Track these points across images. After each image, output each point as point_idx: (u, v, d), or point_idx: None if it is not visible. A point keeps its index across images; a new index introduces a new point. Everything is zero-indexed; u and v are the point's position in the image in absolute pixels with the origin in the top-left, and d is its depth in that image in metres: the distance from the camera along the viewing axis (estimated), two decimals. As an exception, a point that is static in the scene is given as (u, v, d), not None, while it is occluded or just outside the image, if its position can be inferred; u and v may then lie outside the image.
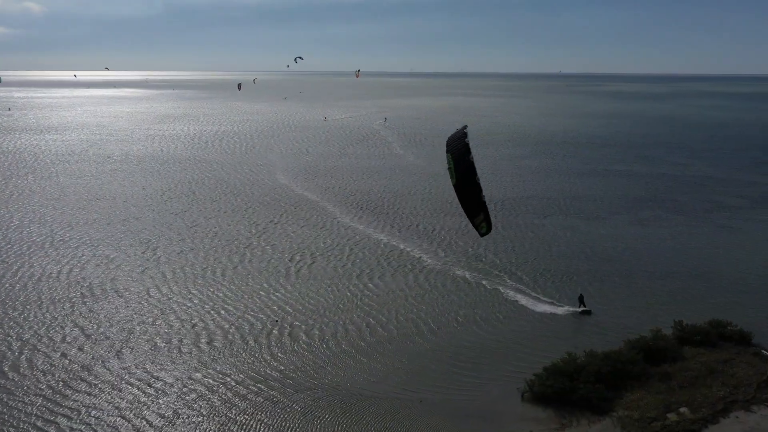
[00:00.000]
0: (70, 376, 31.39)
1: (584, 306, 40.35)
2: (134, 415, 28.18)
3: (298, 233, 57.62)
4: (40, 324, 37.35)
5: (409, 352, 34.60)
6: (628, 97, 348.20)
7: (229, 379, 31.34)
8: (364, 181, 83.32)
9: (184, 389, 30.37)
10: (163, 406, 28.96)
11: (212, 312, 39.51)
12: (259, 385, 30.84)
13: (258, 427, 27.57)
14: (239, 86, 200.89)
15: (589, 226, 61.26)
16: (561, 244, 54.77)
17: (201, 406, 28.97)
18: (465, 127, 25.66)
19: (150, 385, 30.65)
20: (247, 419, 28.07)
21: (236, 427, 27.53)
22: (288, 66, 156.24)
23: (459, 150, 25.27)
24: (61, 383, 30.68)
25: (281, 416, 28.32)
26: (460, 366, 32.96)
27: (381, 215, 64.90)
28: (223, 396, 29.86)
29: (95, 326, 37.15)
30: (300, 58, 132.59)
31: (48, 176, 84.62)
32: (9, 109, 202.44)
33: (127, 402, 29.20)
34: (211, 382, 31.10)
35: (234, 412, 28.61)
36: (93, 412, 28.34)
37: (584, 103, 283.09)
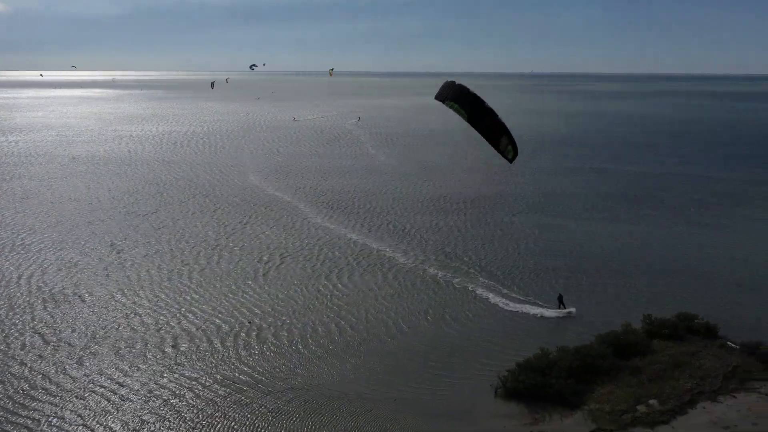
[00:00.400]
0: (31, 385, 30.35)
1: (564, 306, 39.91)
2: (98, 423, 27.34)
3: (268, 234, 56.91)
4: (-1, 331, 36.20)
5: (381, 351, 34.28)
6: (603, 96, 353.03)
7: (196, 384, 30.64)
8: (336, 181, 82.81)
9: (150, 396, 29.58)
10: (127, 413, 28.14)
11: (179, 315, 38.67)
12: (227, 389, 30.22)
13: (227, 431, 26.98)
14: (212, 85, 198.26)
15: (562, 224, 61.59)
16: (532, 242, 54.98)
17: (167, 413, 28.23)
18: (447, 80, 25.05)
19: (114, 393, 29.79)
20: (215, 423, 27.43)
21: (203, 432, 26.92)
22: (253, 68, 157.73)
23: (456, 91, 24.53)
24: (20, 393, 29.63)
25: (251, 419, 27.76)
26: (433, 364, 32.76)
27: (352, 214, 64.51)
28: (190, 401, 29.16)
29: (57, 333, 36.06)
30: (255, 65, 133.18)
31: (10, 178, 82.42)
32: None
33: (90, 411, 28.29)
34: (178, 387, 30.37)
35: (201, 416, 27.96)
36: (55, 422, 27.43)
37: (559, 102, 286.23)
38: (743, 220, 64.19)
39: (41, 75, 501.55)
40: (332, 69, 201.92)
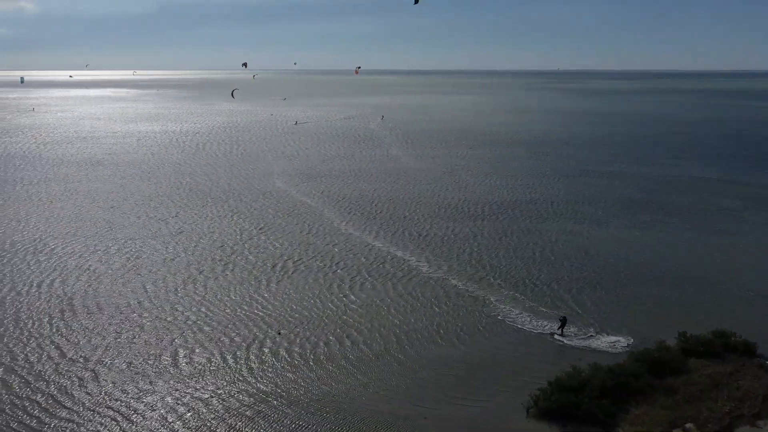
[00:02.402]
0: (48, 400, 29.71)
1: (563, 333, 37.25)
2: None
3: (286, 240, 55.97)
4: (17, 341, 35.73)
5: (408, 367, 33.12)
6: (620, 94, 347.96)
7: (211, 399, 29.71)
8: (358, 184, 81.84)
9: (166, 412, 28.75)
10: (144, 430, 27.40)
11: (192, 327, 37.78)
12: (244, 404, 29.28)
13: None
14: (244, 65, 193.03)
15: (588, 232, 59.62)
16: (559, 251, 53.23)
17: (184, 429, 27.41)
18: None
19: (130, 408, 29.00)
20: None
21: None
22: (254, 76, 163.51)
23: None
24: (37, 408, 29.01)
25: (268, 439, 26.90)
26: (464, 381, 31.66)
27: (373, 220, 63.35)
28: (206, 416, 28.24)
29: (74, 344, 35.46)
30: (245, 64, 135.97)
31: (38, 182, 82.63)
32: (33, 109, 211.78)
33: (106, 428, 27.52)
34: (194, 402, 29.50)
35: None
36: (70, 439, 26.84)
37: (577, 102, 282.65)
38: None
39: (71, 76, 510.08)
40: (359, 67, 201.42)
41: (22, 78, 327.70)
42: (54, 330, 37.29)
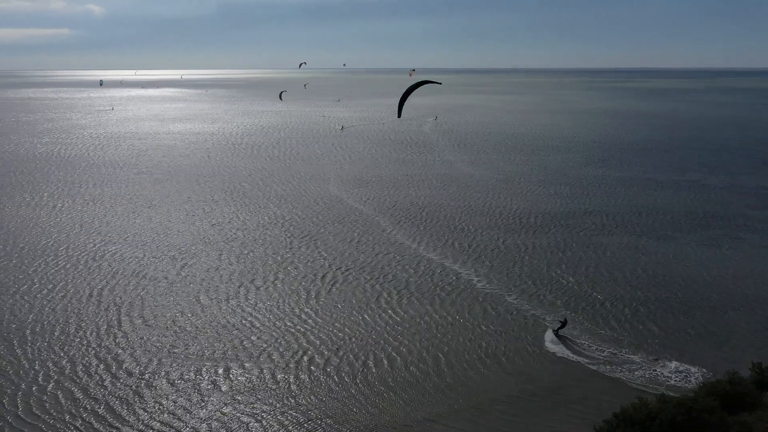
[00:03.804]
0: (99, 416, 29.61)
1: (557, 333, 37.28)
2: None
3: (335, 249, 55.15)
4: (68, 352, 35.97)
5: (457, 392, 31.72)
6: (684, 94, 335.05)
7: (254, 420, 29.12)
8: (410, 191, 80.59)
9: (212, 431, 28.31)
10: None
11: (234, 342, 37.27)
12: (286, 428, 28.47)
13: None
14: (300, 65, 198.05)
15: (651, 247, 56.22)
16: (619, 268, 50.45)
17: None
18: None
19: (172, 428, 28.62)
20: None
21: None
22: (301, 65, 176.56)
23: (405, 93, 57.10)
24: (88, 425, 28.94)
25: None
26: (520, 409, 30.20)
27: (423, 229, 61.86)
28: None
29: (123, 357, 35.44)
30: (304, 63, 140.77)
31: (100, 183, 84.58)
32: (112, 108, 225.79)
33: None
34: (237, 423, 28.90)
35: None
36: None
37: (638, 102, 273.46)
38: None
39: (121, 82, 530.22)
40: (413, 70, 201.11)
41: (101, 81, 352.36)
42: (104, 342, 37.36)
